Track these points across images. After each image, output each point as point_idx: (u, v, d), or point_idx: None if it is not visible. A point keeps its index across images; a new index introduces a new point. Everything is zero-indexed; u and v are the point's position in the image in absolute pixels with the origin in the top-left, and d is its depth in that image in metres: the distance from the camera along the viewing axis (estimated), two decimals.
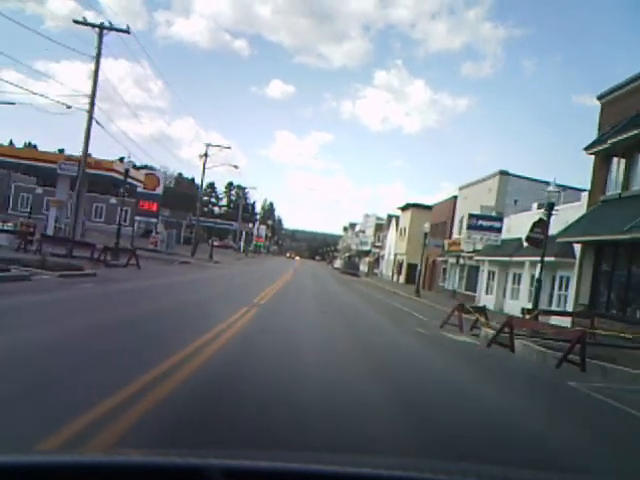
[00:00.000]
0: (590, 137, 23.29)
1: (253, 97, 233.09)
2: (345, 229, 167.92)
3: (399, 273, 66.04)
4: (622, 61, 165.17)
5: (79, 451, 3.24)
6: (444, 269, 46.39)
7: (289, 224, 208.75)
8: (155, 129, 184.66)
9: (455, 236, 43.16)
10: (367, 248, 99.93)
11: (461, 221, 42.48)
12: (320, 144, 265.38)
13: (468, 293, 38.63)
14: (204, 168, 56.25)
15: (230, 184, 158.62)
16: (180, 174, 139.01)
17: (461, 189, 44.16)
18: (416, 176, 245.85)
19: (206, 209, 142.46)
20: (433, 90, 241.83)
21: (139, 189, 54.63)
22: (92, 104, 26.53)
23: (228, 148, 57.03)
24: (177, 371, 6.67)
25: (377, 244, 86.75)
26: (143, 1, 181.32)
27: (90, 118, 26.64)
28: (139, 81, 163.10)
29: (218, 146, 57.09)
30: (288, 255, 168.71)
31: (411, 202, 62.74)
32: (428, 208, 60.55)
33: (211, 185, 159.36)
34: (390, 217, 78.70)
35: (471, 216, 32.69)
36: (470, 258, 38.03)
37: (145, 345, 8.53)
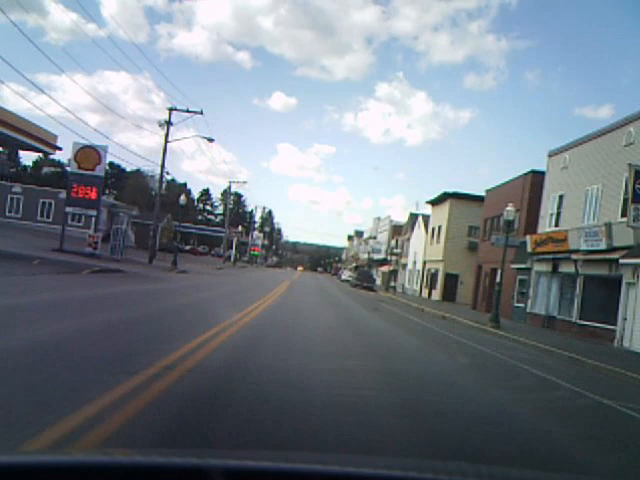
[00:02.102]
0: None
1: (255, 109, 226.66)
2: (350, 238, 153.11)
3: (431, 287, 49.76)
4: (627, 72, 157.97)
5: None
6: (520, 281, 30.14)
7: (291, 237, 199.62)
8: (156, 141, 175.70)
9: (547, 229, 26.99)
10: (380, 256, 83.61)
11: (559, 204, 26.33)
12: (322, 156, 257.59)
13: (587, 323, 22.41)
14: (166, 140, 40.37)
15: (226, 191, 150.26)
16: (173, 179, 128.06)
17: (552, 155, 27.95)
18: (418, 188, 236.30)
19: (201, 217, 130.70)
20: (435, 102, 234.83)
21: (71, 169, 39.26)
22: None
23: (199, 113, 41.05)
24: None
25: (395, 250, 70.44)
26: (145, 14, 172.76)
27: None
28: (140, 93, 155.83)
29: (185, 111, 41.23)
30: (271, 264, 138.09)
31: (449, 191, 46.50)
32: (476, 199, 44.41)
33: (206, 192, 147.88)
34: (414, 216, 62.43)
35: None
36: (591, 262, 21.86)
37: None
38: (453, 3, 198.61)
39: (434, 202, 51.17)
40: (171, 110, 40.70)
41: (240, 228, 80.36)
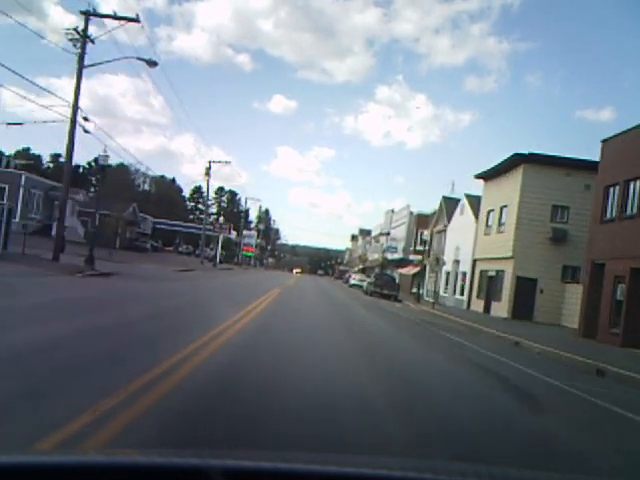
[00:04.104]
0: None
1: (255, 113, 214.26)
2: (354, 237, 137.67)
3: (488, 297, 34.07)
4: (628, 75, 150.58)
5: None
6: None
7: (290, 239, 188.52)
8: (156, 144, 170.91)
9: None
10: (396, 256, 67.97)
11: None
12: (322, 159, 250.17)
13: None
14: (81, 64, 24.75)
15: (221, 189, 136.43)
16: (162, 176, 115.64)
17: None
18: (418, 191, 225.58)
19: (193, 216, 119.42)
20: (435, 105, 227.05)
21: None
22: None
23: (134, 21, 25.60)
24: None
25: (420, 248, 54.70)
26: (144, 16, 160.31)
27: None
28: (139, 96, 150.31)
29: (112, 17, 25.70)
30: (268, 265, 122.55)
31: (523, 152, 30.73)
32: (565, 163, 28.80)
33: (198, 189, 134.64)
34: (450, 200, 46.67)
35: None
36: None
37: None
38: (455, 5, 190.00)
39: (491, 174, 35.37)
40: (87, 15, 24.94)
41: (222, 219, 64.40)
